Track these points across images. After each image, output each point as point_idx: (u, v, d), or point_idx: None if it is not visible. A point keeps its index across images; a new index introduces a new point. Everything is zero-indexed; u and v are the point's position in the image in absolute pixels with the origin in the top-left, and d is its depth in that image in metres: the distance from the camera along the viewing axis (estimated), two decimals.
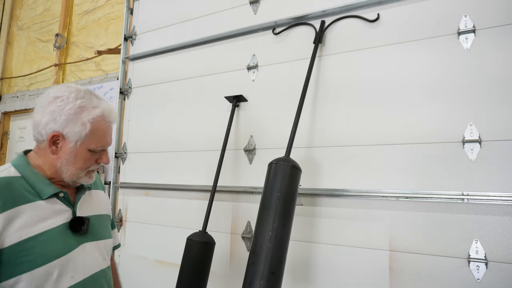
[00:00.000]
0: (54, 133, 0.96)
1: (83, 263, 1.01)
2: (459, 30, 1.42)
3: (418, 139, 1.43)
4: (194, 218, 1.94)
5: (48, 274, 0.91)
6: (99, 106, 1.01)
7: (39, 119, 0.97)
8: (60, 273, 0.94)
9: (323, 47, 1.71)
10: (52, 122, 0.96)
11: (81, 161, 1.00)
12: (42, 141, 0.98)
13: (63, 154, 0.99)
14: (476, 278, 1.27)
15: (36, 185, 0.97)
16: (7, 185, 0.92)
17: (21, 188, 0.94)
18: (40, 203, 0.95)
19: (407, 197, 1.41)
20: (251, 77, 1.91)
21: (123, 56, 2.47)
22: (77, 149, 0.99)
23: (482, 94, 1.35)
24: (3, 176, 0.94)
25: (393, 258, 1.41)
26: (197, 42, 2.12)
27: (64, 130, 0.96)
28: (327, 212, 1.58)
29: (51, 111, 0.96)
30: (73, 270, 0.97)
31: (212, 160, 1.92)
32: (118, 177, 2.37)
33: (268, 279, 1.24)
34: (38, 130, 0.97)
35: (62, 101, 0.96)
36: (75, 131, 0.97)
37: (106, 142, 1.04)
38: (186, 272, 1.55)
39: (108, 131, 1.05)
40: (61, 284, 0.94)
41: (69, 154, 0.99)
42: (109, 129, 1.05)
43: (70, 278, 0.96)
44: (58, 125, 0.96)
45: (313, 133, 1.66)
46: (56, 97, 0.97)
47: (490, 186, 1.29)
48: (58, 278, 0.93)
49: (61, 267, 0.94)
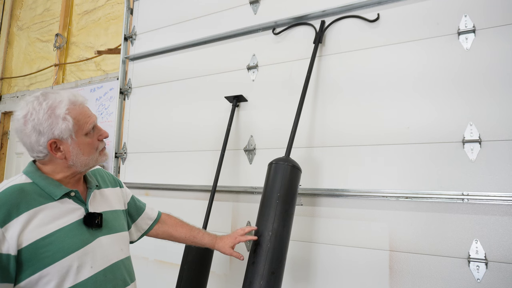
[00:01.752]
0: (50, 142, 1.01)
1: (101, 255, 1.08)
2: (459, 30, 1.42)
3: (418, 139, 1.43)
4: (194, 218, 1.94)
5: (69, 266, 0.99)
6: (62, 97, 1.05)
7: (29, 142, 1.01)
8: (79, 264, 1.01)
9: (323, 47, 1.71)
10: (40, 136, 1.00)
11: (86, 147, 1.07)
12: (44, 156, 1.04)
13: (69, 153, 1.05)
14: (476, 278, 1.27)
15: (47, 188, 1.03)
16: (21, 191, 0.98)
17: (33, 193, 1.00)
18: (53, 204, 1.02)
19: (407, 197, 1.41)
20: (251, 77, 1.91)
21: (123, 56, 2.47)
22: (75, 141, 1.05)
23: (482, 94, 1.35)
24: (16, 183, 1.00)
25: (393, 258, 1.41)
26: (197, 42, 2.12)
27: (55, 134, 1.01)
28: (327, 212, 1.58)
29: (31, 129, 1.00)
30: (92, 261, 1.04)
31: (212, 160, 1.92)
32: (118, 177, 2.37)
33: (268, 279, 1.24)
34: (36, 150, 1.02)
35: (32, 115, 1.00)
36: (62, 129, 1.02)
37: (91, 119, 1.09)
38: (186, 272, 1.55)
39: (85, 110, 1.09)
40: (82, 275, 1.01)
41: (73, 149, 1.05)
42: (84, 108, 1.09)
43: (90, 268, 1.03)
44: (47, 134, 1.00)
45: (313, 133, 1.66)
46: (24, 116, 1.01)
47: (490, 186, 1.29)
48: (78, 269, 1.00)
49: (79, 259, 1.01)
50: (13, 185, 0.99)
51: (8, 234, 0.92)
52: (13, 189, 0.98)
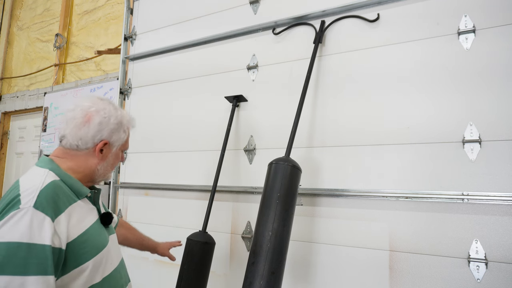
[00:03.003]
0: (104, 141, 1.10)
1: (114, 252, 1.16)
2: (459, 30, 1.42)
3: (418, 139, 1.43)
4: (194, 218, 1.94)
5: (100, 261, 1.05)
6: (126, 115, 1.19)
7: (85, 132, 1.08)
8: (105, 260, 1.09)
9: (323, 47, 1.71)
10: (100, 133, 1.09)
11: (116, 161, 1.18)
12: (85, 149, 1.09)
13: (106, 158, 1.13)
14: (476, 278, 1.27)
15: (74, 186, 1.07)
16: (59, 187, 1.01)
17: (66, 190, 1.04)
18: (79, 203, 1.07)
19: (407, 197, 1.41)
20: (251, 77, 1.91)
21: (123, 56, 2.47)
22: (116, 152, 1.17)
23: (482, 94, 1.35)
24: (52, 180, 1.01)
25: (393, 258, 1.41)
26: (197, 42, 2.12)
27: (112, 138, 1.12)
28: (327, 212, 1.58)
29: (98, 123, 1.08)
30: (111, 257, 1.12)
31: (212, 160, 1.92)
32: (118, 177, 2.37)
33: (268, 279, 1.24)
34: (84, 141, 1.08)
35: (106, 113, 1.10)
36: (119, 138, 1.15)
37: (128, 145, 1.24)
38: (186, 272, 1.55)
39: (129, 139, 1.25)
40: (107, 269, 1.09)
41: (111, 157, 1.15)
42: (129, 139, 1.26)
43: (110, 264, 1.11)
44: (106, 134, 1.10)
45: (313, 133, 1.67)
46: (98, 111, 1.09)
47: (490, 186, 1.29)
48: (105, 264, 1.08)
49: (106, 255, 1.09)
50: (53, 181, 1.00)
51: (59, 229, 0.94)
52: (54, 185, 0.99)
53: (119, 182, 2.34)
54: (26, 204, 0.90)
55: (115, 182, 2.37)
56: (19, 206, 0.89)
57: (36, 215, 0.90)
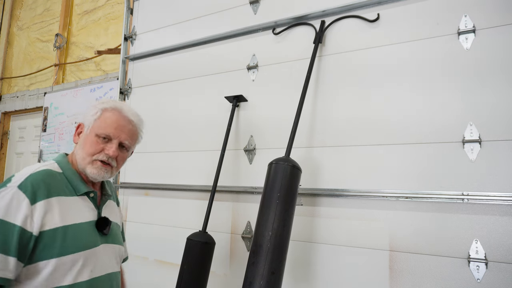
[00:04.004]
0: (79, 123, 1.16)
1: (102, 261, 1.08)
2: (459, 30, 1.42)
3: (418, 139, 1.43)
4: (194, 218, 1.94)
5: (73, 262, 0.99)
6: (115, 103, 1.17)
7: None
8: (83, 264, 1.01)
9: (323, 47, 1.71)
10: (82, 117, 1.16)
11: (88, 144, 1.11)
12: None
13: (80, 140, 1.13)
14: (476, 278, 1.27)
15: (74, 182, 1.09)
16: (52, 176, 1.04)
17: (61, 182, 1.05)
18: (75, 198, 1.06)
19: (407, 197, 1.41)
20: (251, 77, 1.91)
21: (123, 56, 2.47)
22: (87, 134, 1.12)
23: (482, 94, 1.35)
24: (48, 168, 1.05)
25: (393, 258, 1.41)
26: (197, 42, 2.12)
27: (85, 119, 1.14)
28: (327, 212, 1.58)
29: (84, 111, 1.18)
30: (93, 265, 1.05)
31: (212, 160, 1.92)
32: (118, 177, 2.37)
33: (268, 279, 1.24)
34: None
35: (97, 102, 1.17)
36: (89, 117, 1.13)
37: (111, 131, 1.12)
38: (186, 272, 1.55)
39: (116, 121, 1.14)
40: (81, 276, 1.01)
41: (83, 139, 1.13)
42: (117, 120, 1.14)
43: (90, 272, 1.03)
44: (82, 117, 1.15)
45: (313, 133, 1.67)
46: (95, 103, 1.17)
47: (490, 186, 1.29)
48: (80, 269, 1.00)
49: (85, 259, 1.02)
50: (47, 169, 1.04)
51: (36, 214, 0.94)
52: (46, 172, 1.02)
53: (119, 182, 2.34)
54: (14, 183, 0.96)
55: (115, 182, 2.37)
56: (7, 185, 0.96)
57: (18, 194, 0.94)
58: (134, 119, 1.19)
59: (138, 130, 1.23)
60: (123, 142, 1.15)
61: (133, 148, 1.23)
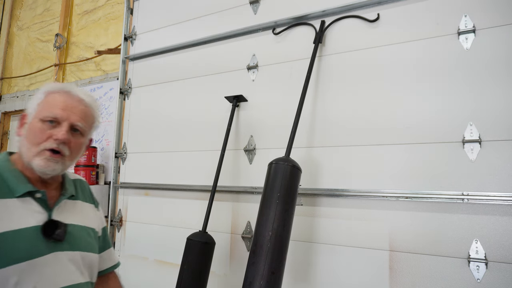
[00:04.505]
0: (23, 114, 1.01)
1: (53, 274, 0.90)
2: (459, 30, 1.42)
3: (418, 139, 1.43)
4: (194, 218, 1.94)
5: (4, 279, 0.81)
6: (63, 85, 1.03)
7: None
8: (19, 280, 0.83)
9: (323, 47, 1.71)
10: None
11: (32, 133, 0.94)
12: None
13: (24, 132, 0.97)
14: (476, 278, 1.26)
15: (10, 181, 0.91)
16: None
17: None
18: (11, 201, 0.89)
19: (407, 197, 1.41)
20: (251, 77, 1.91)
21: (123, 56, 2.47)
22: (31, 123, 0.96)
23: (482, 94, 1.35)
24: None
25: (393, 258, 1.41)
26: (197, 42, 2.12)
27: (28, 107, 1.00)
28: (327, 212, 1.58)
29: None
30: (37, 279, 0.86)
31: (212, 160, 1.92)
32: (118, 177, 2.37)
33: (268, 279, 1.24)
34: None
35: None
36: (32, 103, 0.99)
37: (59, 112, 0.95)
38: (186, 272, 1.55)
39: (64, 101, 0.98)
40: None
41: (27, 130, 0.97)
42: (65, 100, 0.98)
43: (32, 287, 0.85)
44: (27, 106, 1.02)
45: (313, 133, 1.66)
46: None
47: (490, 186, 1.29)
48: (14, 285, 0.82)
49: (21, 273, 0.83)
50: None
51: None
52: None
53: (119, 182, 2.34)
54: None
55: (115, 182, 2.37)
56: None
57: None
58: (85, 98, 1.02)
59: (93, 111, 1.04)
60: (75, 124, 0.98)
61: (89, 133, 1.05)
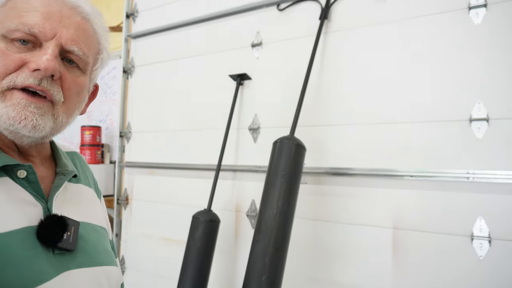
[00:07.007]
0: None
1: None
2: (469, 4, 1.37)
3: (424, 117, 1.42)
4: (199, 196, 1.96)
5: None
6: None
7: None
8: None
9: (329, 24, 1.67)
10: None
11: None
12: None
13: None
14: (478, 255, 1.28)
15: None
16: None
17: None
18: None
19: (412, 176, 1.41)
20: (255, 54, 1.88)
21: (125, 34, 2.43)
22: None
23: (491, 71, 1.32)
24: None
25: (397, 236, 1.43)
26: (200, 19, 2.08)
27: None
28: (331, 190, 1.59)
29: None
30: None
31: (216, 139, 1.92)
32: (123, 156, 2.39)
33: (272, 256, 1.26)
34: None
35: None
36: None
37: (38, 21, 0.55)
38: (191, 249, 1.58)
39: (47, 4, 0.57)
40: None
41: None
42: (48, 3, 0.58)
43: None
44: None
45: (318, 112, 1.65)
46: None
47: (497, 164, 1.28)
48: None
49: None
50: None
51: None
52: None
53: (124, 161, 2.36)
54: None
55: (120, 161, 2.38)
56: None
57: None
58: (84, 6, 0.63)
59: (96, 29, 0.66)
60: (68, 48, 0.58)
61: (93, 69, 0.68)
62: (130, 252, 2.24)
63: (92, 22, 0.64)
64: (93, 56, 0.66)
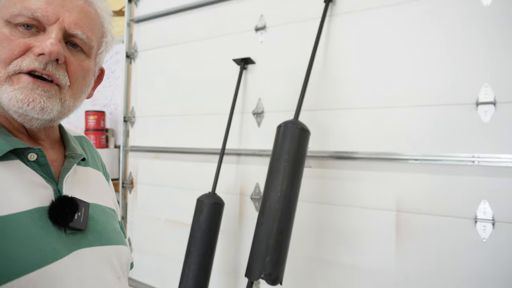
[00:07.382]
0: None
1: (79, 285, 0.55)
2: None
3: (430, 101, 1.41)
4: (204, 180, 1.98)
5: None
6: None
7: None
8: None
9: (334, 6, 1.64)
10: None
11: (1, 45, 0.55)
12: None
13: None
14: (482, 237, 1.28)
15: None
16: None
17: None
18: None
19: (417, 160, 1.41)
20: (259, 38, 1.86)
21: (128, 18, 2.41)
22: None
23: (499, 54, 1.30)
24: None
25: (400, 218, 1.43)
26: (203, 3, 2.05)
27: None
28: (335, 174, 1.59)
29: None
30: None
31: (220, 123, 1.92)
32: (128, 140, 2.40)
33: (276, 239, 1.27)
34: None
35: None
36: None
37: (40, 5, 0.57)
38: (196, 231, 1.60)
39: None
40: None
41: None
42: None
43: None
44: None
45: (322, 96, 1.64)
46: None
47: (502, 148, 1.27)
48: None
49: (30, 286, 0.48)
50: None
51: None
52: None
53: (129, 146, 2.37)
54: None
55: (125, 146, 2.40)
56: None
57: None
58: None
59: (100, 13, 0.68)
60: (72, 32, 0.60)
61: (98, 53, 0.69)
62: (135, 234, 2.28)
63: (95, 6, 0.66)
64: (97, 40, 0.68)
